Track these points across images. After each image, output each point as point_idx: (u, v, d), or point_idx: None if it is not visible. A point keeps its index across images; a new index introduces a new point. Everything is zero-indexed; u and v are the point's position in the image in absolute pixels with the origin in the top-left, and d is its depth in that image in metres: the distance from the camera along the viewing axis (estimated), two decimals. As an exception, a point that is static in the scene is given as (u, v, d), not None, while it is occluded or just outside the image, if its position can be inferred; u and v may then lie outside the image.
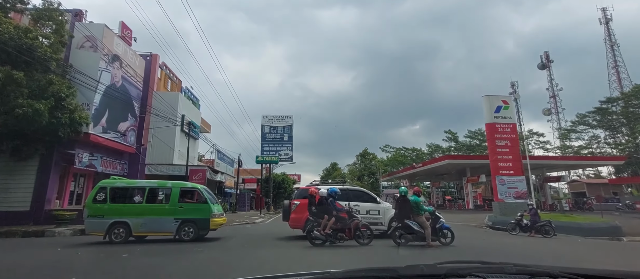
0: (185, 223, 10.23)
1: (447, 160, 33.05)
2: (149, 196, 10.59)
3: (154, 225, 10.16)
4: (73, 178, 17.71)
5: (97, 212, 10.04)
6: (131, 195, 10.89)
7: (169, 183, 11.14)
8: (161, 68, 23.79)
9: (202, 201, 10.65)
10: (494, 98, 20.71)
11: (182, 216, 10.25)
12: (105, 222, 9.89)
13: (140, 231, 10.10)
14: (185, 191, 10.91)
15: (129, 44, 19.95)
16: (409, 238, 8.57)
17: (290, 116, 38.86)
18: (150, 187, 10.74)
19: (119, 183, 10.95)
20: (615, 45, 75.51)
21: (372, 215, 11.03)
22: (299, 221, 10.40)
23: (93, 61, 16.62)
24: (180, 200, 10.49)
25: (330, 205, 9.00)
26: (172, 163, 21.16)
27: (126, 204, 10.50)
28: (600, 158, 44.31)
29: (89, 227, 10.10)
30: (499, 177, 19.53)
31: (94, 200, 10.23)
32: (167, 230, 10.19)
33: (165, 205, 10.50)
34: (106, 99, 17.31)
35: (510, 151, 19.90)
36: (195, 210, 10.46)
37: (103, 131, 17.25)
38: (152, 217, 10.18)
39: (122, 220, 9.96)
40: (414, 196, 9.20)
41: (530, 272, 1.38)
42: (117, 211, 10.11)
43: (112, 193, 10.47)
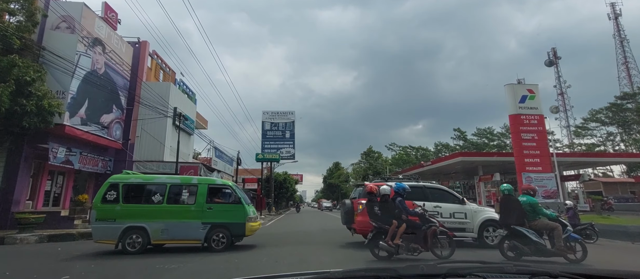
0: (215, 228, 8.41)
1: (460, 158, 30.98)
2: (171, 195, 8.71)
3: (177, 230, 8.29)
4: (49, 177, 15.78)
5: (108, 215, 8.14)
6: (149, 194, 8.90)
7: (194, 178, 9.27)
8: (151, 57, 21.85)
9: (235, 202, 8.87)
10: (518, 87, 18.73)
11: (212, 219, 8.43)
12: (117, 227, 8.02)
13: (160, 239, 8.25)
14: (215, 189, 9.09)
15: (113, 27, 18.02)
16: (525, 250, 6.38)
17: (292, 112, 36.92)
18: (171, 184, 8.84)
19: (134, 179, 9.06)
20: (625, 40, 73.64)
21: (458, 218, 9.10)
22: (368, 225, 8.50)
23: (70, 44, 14.68)
24: (208, 199, 8.67)
25: (399, 206, 6.98)
26: (162, 159, 19.20)
27: (143, 205, 8.60)
28: (632, 155, 41.68)
29: (97, 233, 8.13)
30: (526, 174, 17.53)
31: (103, 200, 8.30)
32: (193, 236, 8.37)
33: (191, 205, 8.64)
34: (86, 87, 15.37)
35: (537, 145, 17.91)
36: (227, 212, 8.67)
37: (82, 123, 15.30)
38: (175, 221, 8.34)
39: (138, 225, 8.13)
40: (526, 195, 7.05)
41: (530, 272, 1.38)
42: (132, 214, 8.25)
43: (125, 192, 8.55)
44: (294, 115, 37.05)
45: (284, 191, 40.68)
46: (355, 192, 10.32)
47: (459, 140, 57.19)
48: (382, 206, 7.05)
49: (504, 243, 6.72)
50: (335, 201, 50.97)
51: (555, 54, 79.24)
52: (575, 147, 52.61)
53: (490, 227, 8.94)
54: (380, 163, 56.16)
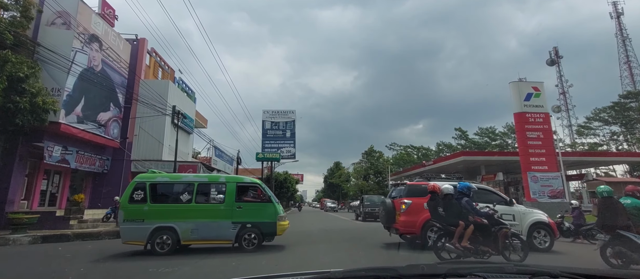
0: (246, 227, 8.19)
1: (462, 157, 30.69)
2: (199, 194, 8.42)
3: (207, 230, 8.04)
4: (45, 176, 15.48)
5: (136, 215, 7.89)
6: (176, 193, 8.66)
7: (221, 176, 9.12)
8: (150, 55, 21.52)
9: (265, 200, 8.67)
10: (523, 84, 18.34)
11: (242, 219, 8.22)
12: (146, 228, 7.78)
13: (190, 239, 7.98)
14: (243, 188, 8.82)
15: (110, 24, 17.70)
16: (634, 256, 5.76)
17: (293, 111, 36.55)
18: (199, 182, 8.58)
19: (160, 178, 8.80)
20: (627, 39, 73.25)
21: (506, 220, 8.65)
22: (413, 226, 8.24)
23: (66, 40, 14.36)
24: (237, 198, 8.42)
25: (466, 206, 6.54)
26: (161, 159, 18.87)
27: (171, 204, 8.41)
28: (636, 155, 41.27)
29: (126, 234, 7.87)
30: (531, 174, 17.17)
31: (130, 200, 8.03)
32: (224, 236, 8.15)
33: (220, 205, 8.41)
34: (82, 84, 15.05)
35: (543, 144, 17.55)
36: (258, 211, 8.45)
37: (78, 121, 14.98)
38: (205, 221, 8.07)
39: (167, 225, 7.88)
40: (631, 198, 6.46)
41: (530, 272, 1.38)
42: (161, 214, 8.02)
43: (153, 191, 8.30)
44: (295, 114, 36.72)
45: (284, 191, 40.36)
46: (396, 191, 9.84)
47: (460, 140, 56.78)
48: (446, 206, 6.64)
49: (606, 249, 6.16)
50: (342, 202, 50.10)
51: (556, 53, 78.85)
52: (577, 147, 52.24)
53: (540, 230, 8.52)
54: (382, 162, 55.79)
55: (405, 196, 8.69)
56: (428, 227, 7.95)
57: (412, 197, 8.59)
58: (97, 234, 12.03)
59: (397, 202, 8.84)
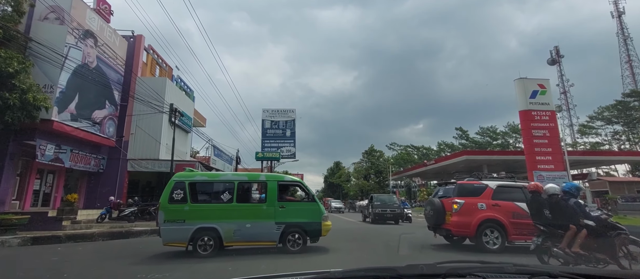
0: (290, 228, 7.77)
1: (464, 157, 30.34)
2: (240, 193, 8.01)
3: (250, 231, 7.65)
4: (38, 175, 15.05)
5: (177, 216, 7.51)
6: (217, 192, 8.31)
7: (261, 175, 8.63)
8: (147, 52, 21.09)
9: (309, 200, 8.32)
10: (528, 81, 17.91)
11: (286, 219, 7.81)
12: (188, 228, 7.38)
13: (233, 241, 7.61)
14: (284, 187, 8.44)
15: (106, 19, 17.28)
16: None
17: (293, 110, 36.12)
18: (239, 181, 8.14)
19: (199, 177, 8.44)
20: (628, 39, 72.93)
21: None
22: (467, 226, 7.83)
23: (59, 35, 13.95)
24: (279, 197, 8.04)
25: (576, 208, 5.84)
26: (158, 158, 18.45)
27: (212, 204, 8.08)
28: None
29: (167, 235, 7.44)
30: (537, 173, 16.76)
31: (170, 200, 7.64)
32: (267, 238, 7.73)
33: (262, 204, 8.02)
34: (76, 81, 14.63)
35: (549, 142, 17.14)
36: (302, 212, 8.08)
37: (72, 119, 14.56)
38: (248, 221, 7.70)
39: (209, 226, 7.49)
40: None
41: (529, 272, 1.38)
42: (202, 214, 7.65)
43: (192, 190, 7.94)
44: (295, 113, 36.28)
45: (284, 190, 39.81)
46: (443, 190, 9.35)
47: (461, 139, 56.45)
48: (553, 207, 6.07)
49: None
50: (350, 201, 49.12)
51: (558, 52, 78.49)
52: (579, 146, 51.90)
53: None
54: (382, 162, 55.39)
55: (457, 196, 8.28)
56: (484, 228, 7.60)
57: (463, 197, 8.18)
58: (90, 235, 11.58)
59: (446, 202, 8.40)
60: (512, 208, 7.74)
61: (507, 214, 7.68)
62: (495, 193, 7.93)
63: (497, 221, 7.63)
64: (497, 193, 7.95)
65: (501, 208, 7.74)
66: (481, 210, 7.68)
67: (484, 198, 7.90)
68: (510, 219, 7.63)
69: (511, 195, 7.95)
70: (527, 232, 7.50)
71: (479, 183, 8.24)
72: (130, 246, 9.86)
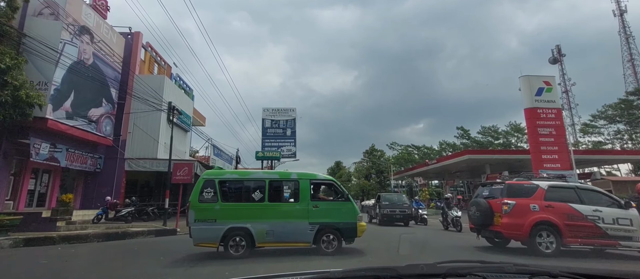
0: (324, 229, 7.47)
1: (467, 156, 29.96)
2: (271, 192, 7.72)
3: (283, 231, 7.36)
4: (33, 175, 14.69)
5: (207, 215, 7.25)
6: (247, 190, 7.98)
7: (293, 173, 8.29)
8: (145, 49, 20.75)
9: (343, 199, 7.94)
10: (534, 78, 17.55)
11: (320, 219, 7.51)
12: (219, 228, 7.14)
13: (265, 241, 7.33)
14: (317, 185, 8.12)
15: (103, 16, 16.93)
16: None
17: (293, 109, 35.73)
18: (270, 179, 7.86)
19: (229, 175, 8.22)
20: (630, 37, 72.51)
21: (622, 225, 7.64)
22: (519, 228, 7.48)
23: (53, 31, 13.61)
24: (312, 196, 7.75)
25: None
26: (156, 157, 18.10)
27: (243, 203, 7.76)
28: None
29: (197, 235, 7.18)
30: (543, 172, 16.36)
31: (200, 198, 7.37)
32: (301, 239, 7.43)
33: (296, 204, 7.72)
34: (71, 78, 14.28)
35: (555, 140, 16.79)
36: (336, 211, 7.75)
37: (67, 117, 14.22)
38: (280, 221, 7.42)
39: (241, 226, 7.25)
40: None
41: (529, 271, 1.38)
42: (233, 214, 7.39)
43: (222, 188, 7.65)
44: (295, 112, 35.91)
45: (284, 190, 39.45)
46: (489, 190, 8.93)
47: (462, 139, 56.13)
48: None
49: None
50: None
51: (559, 51, 78.09)
52: (581, 145, 51.56)
53: None
54: (383, 161, 55.03)
55: (508, 196, 7.92)
56: (537, 231, 7.28)
57: (513, 197, 7.84)
58: (85, 236, 11.24)
59: (495, 203, 8.06)
60: (566, 210, 7.40)
61: (561, 216, 7.34)
62: (547, 193, 7.60)
63: (551, 224, 7.30)
64: (550, 193, 7.62)
65: (555, 210, 7.41)
66: (534, 212, 7.35)
67: (535, 198, 7.57)
68: (565, 221, 7.30)
69: (564, 196, 7.60)
70: (583, 235, 7.23)
71: (529, 183, 7.90)
72: (126, 248, 9.53)
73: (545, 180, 8.19)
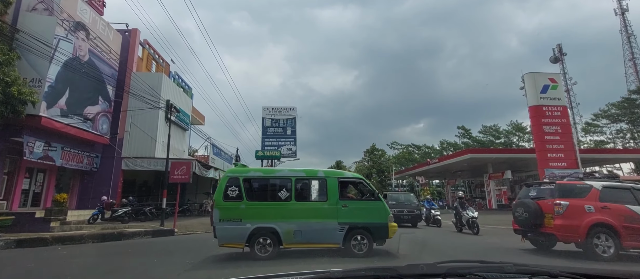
0: (354, 230, 7.11)
1: (469, 155, 29.62)
2: (298, 191, 7.41)
3: (312, 232, 7.05)
4: (27, 174, 14.37)
5: (233, 214, 7.00)
6: (273, 189, 7.66)
7: (319, 171, 7.97)
8: (143, 46, 20.41)
9: (373, 198, 7.56)
10: (539, 76, 17.22)
11: (349, 219, 7.15)
12: (245, 228, 6.86)
13: (293, 242, 7.03)
14: (345, 183, 7.75)
15: (99, 12, 16.60)
16: None
17: (294, 107, 35.43)
18: (296, 177, 7.53)
19: (253, 172, 7.88)
20: (632, 36, 72.20)
21: None
22: (574, 231, 7.10)
23: (47, 27, 13.28)
24: (340, 195, 7.38)
25: None
26: (154, 156, 17.76)
27: (269, 202, 7.43)
28: None
29: (223, 236, 6.91)
30: (549, 171, 16.01)
31: (225, 197, 7.08)
32: (330, 240, 7.09)
33: (323, 203, 7.35)
34: (66, 75, 13.95)
35: (561, 139, 16.44)
36: (366, 211, 7.39)
37: (62, 115, 13.89)
38: (308, 221, 7.10)
39: (267, 226, 6.95)
40: None
41: (529, 271, 1.37)
42: (259, 213, 7.12)
43: (247, 186, 7.38)
44: (296, 110, 35.59)
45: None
46: (536, 191, 8.52)
47: (463, 138, 55.88)
48: None
49: None
50: None
51: (560, 50, 77.66)
52: (582, 145, 51.29)
53: None
54: (384, 161, 54.72)
55: (560, 197, 7.51)
56: (595, 232, 6.89)
57: (566, 198, 7.46)
58: (80, 237, 10.90)
59: (545, 204, 7.66)
60: (624, 211, 7.01)
61: (618, 217, 6.95)
62: (601, 194, 7.22)
63: (608, 226, 6.91)
64: (604, 194, 7.24)
65: (611, 211, 7.03)
66: (589, 213, 6.96)
67: (590, 199, 7.19)
68: (623, 223, 6.91)
69: (620, 197, 7.21)
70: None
71: (582, 183, 7.52)
72: (120, 250, 9.21)
73: (598, 180, 7.80)
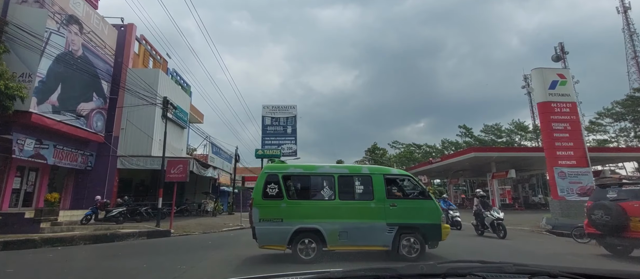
0: (404, 230, 6.61)
1: (473, 153, 29.14)
2: (342, 189, 6.89)
3: (358, 234, 6.55)
4: (18, 173, 13.84)
5: (273, 214, 6.61)
6: (315, 187, 7.22)
7: (363, 167, 7.49)
8: (139, 42, 19.90)
9: (424, 197, 7.06)
10: (547, 71, 16.71)
11: (399, 220, 6.67)
12: (286, 229, 6.47)
13: (338, 244, 6.54)
14: (391, 181, 7.22)
15: (93, 6, 16.07)
16: None
17: (294, 106, 34.88)
18: (339, 174, 7.03)
19: (293, 169, 7.40)
20: (634, 35, 71.68)
21: None
22: None
23: (38, 19, 12.76)
24: (387, 194, 6.88)
25: None
26: (150, 154, 17.24)
27: (312, 201, 6.99)
28: None
29: (263, 237, 6.52)
30: (558, 169, 15.54)
31: (264, 195, 6.70)
32: (378, 241, 6.59)
33: (370, 202, 6.83)
34: (58, 70, 13.43)
35: (570, 136, 15.91)
36: (417, 211, 6.88)
37: (54, 111, 13.37)
38: (354, 221, 6.61)
39: (310, 226, 6.54)
40: None
41: (529, 271, 1.36)
42: (301, 212, 6.69)
43: (287, 184, 6.96)
44: (296, 109, 35.06)
45: (285, 189, 38.68)
46: (615, 192, 7.95)
47: (465, 137, 55.46)
48: None
49: None
50: None
51: (562, 49, 77.05)
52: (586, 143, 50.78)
53: None
54: (386, 160, 54.24)
55: None
56: None
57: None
58: (71, 239, 10.39)
59: (631, 206, 7.11)
60: None
61: None
62: None
63: None
64: None
65: None
66: None
67: None
68: None
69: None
70: None
71: None
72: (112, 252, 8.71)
73: None
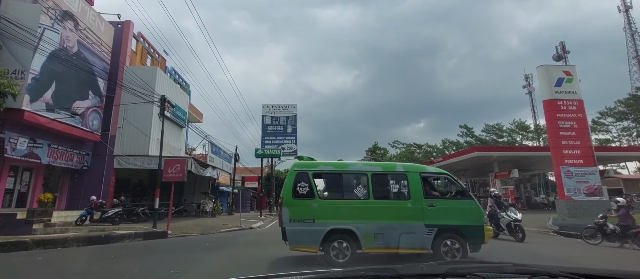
0: (444, 232, 6.21)
1: (476, 153, 28.82)
2: (375, 188, 6.51)
3: (395, 235, 6.12)
4: (11, 173, 13.49)
5: (304, 214, 6.26)
6: (348, 185, 6.80)
7: (398, 165, 7.03)
8: (137, 40, 19.55)
9: (464, 197, 6.68)
10: (553, 68, 16.38)
11: (438, 221, 6.26)
12: (318, 230, 6.11)
13: (374, 247, 6.14)
14: (428, 180, 6.84)
15: (89, 2, 15.72)
16: None
17: (294, 105, 34.58)
18: (373, 172, 6.63)
19: (323, 166, 6.96)
20: (636, 34, 71.35)
21: None
22: None
23: (31, 15, 12.41)
24: (425, 193, 6.46)
25: None
26: (147, 153, 16.89)
27: (344, 201, 6.54)
28: None
29: (294, 237, 6.17)
30: (565, 168, 15.19)
31: (294, 194, 6.38)
32: (417, 244, 6.17)
33: (406, 202, 6.44)
34: (52, 67, 13.09)
35: (577, 135, 15.55)
36: (457, 211, 6.45)
37: (48, 109, 13.02)
38: (390, 222, 6.22)
39: (344, 227, 6.17)
40: None
41: (529, 271, 1.36)
42: (334, 213, 6.32)
43: (318, 182, 6.69)
44: (296, 108, 34.74)
45: (285, 190, 38.35)
46: None
47: (466, 137, 55.18)
48: None
49: None
50: None
51: (563, 48, 76.75)
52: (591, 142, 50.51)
53: None
54: (386, 160, 53.94)
55: None
56: None
57: None
58: (64, 240, 10.03)
59: None
60: None
61: None
62: None
63: None
64: None
65: None
66: None
67: None
68: None
69: None
70: None
71: None
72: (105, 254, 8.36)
73: None
